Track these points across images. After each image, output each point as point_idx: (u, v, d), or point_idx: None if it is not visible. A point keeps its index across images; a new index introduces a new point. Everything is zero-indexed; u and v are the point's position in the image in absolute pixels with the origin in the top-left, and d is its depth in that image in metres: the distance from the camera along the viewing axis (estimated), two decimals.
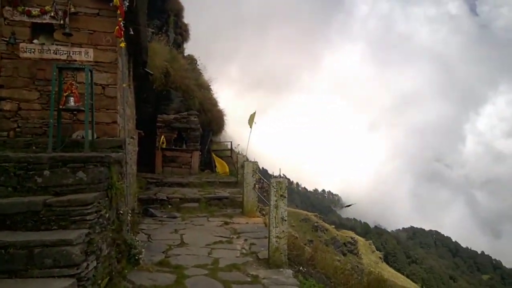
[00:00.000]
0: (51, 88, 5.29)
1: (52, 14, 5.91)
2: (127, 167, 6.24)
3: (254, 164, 9.47)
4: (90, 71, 5.47)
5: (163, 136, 14.26)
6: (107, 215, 4.53)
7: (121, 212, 5.29)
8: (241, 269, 5.51)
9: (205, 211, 9.33)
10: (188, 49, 22.57)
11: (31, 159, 4.31)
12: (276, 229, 5.76)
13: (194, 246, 6.54)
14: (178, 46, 20.56)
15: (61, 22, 5.91)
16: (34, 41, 5.96)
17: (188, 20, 22.36)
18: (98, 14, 6.18)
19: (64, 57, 5.97)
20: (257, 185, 9.27)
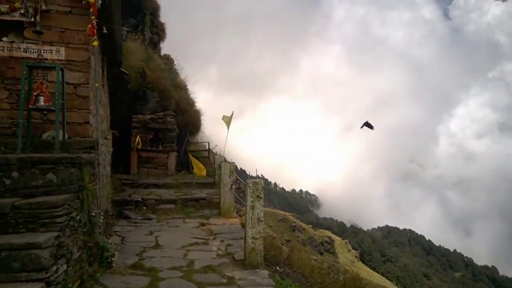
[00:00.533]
0: (21, 87, 5.14)
1: (22, 11, 5.73)
2: (100, 168, 6.13)
3: (231, 165, 9.45)
4: (61, 70, 5.35)
5: (138, 137, 14.06)
6: (78, 217, 4.43)
7: (93, 214, 5.19)
8: (217, 270, 5.49)
9: (181, 212, 9.24)
10: (164, 48, 22.36)
11: None
12: (252, 230, 5.76)
13: (169, 248, 6.47)
14: (155, 45, 20.32)
15: (32, 19, 5.75)
16: (3, 39, 5.79)
17: (165, 19, 22.15)
18: (70, 12, 6.05)
19: (34, 55, 5.83)
20: (234, 186, 9.25)
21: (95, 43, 6.00)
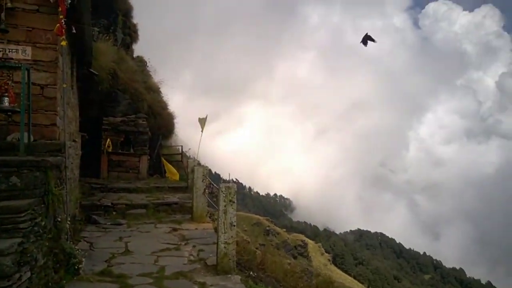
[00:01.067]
0: None
1: None
2: (68, 171, 5.95)
3: (204, 169, 9.37)
4: (27, 70, 5.15)
5: (109, 140, 13.70)
6: (43, 223, 4.26)
7: (59, 219, 5.01)
8: (188, 276, 5.40)
9: (152, 217, 9.07)
10: (137, 50, 21.99)
11: None
12: (225, 235, 5.71)
13: (139, 254, 6.32)
14: (127, 47, 19.94)
15: None
16: None
17: (138, 21, 21.79)
18: (37, 10, 5.87)
19: None
20: (207, 190, 9.16)
21: (64, 43, 5.83)
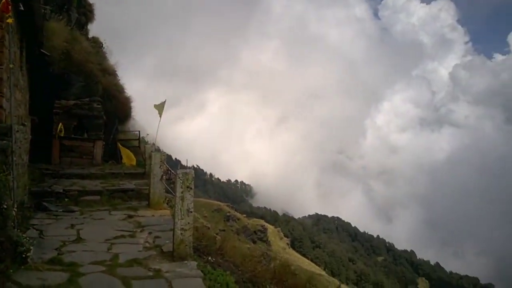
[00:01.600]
0: None
1: None
2: (15, 156, 5.66)
3: (162, 154, 9.20)
4: None
5: (61, 124, 13.09)
6: None
7: (5, 206, 4.77)
8: (143, 263, 5.33)
9: (107, 204, 8.81)
10: (93, 31, 21.07)
11: None
12: (182, 221, 5.67)
13: (92, 241, 6.15)
14: (82, 27, 19.05)
15: None
16: None
17: (96, 1, 20.85)
18: None
19: None
20: (164, 177, 9.02)
21: (10, 20, 5.49)
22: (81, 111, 13.54)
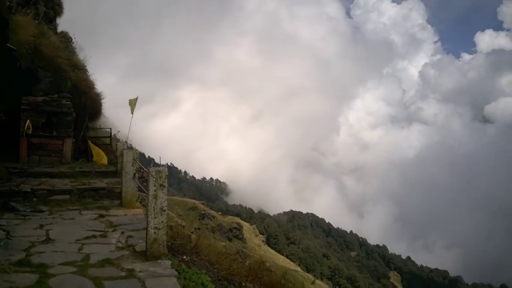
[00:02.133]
0: None
1: None
2: None
3: (135, 152, 9.01)
4: None
5: (28, 121, 12.62)
6: None
7: None
8: (115, 264, 5.20)
9: (77, 203, 8.55)
10: (62, 25, 20.44)
11: None
12: (155, 220, 5.57)
13: (62, 242, 5.94)
14: (50, 21, 18.43)
15: None
16: None
17: None
18: None
19: None
20: (137, 175, 8.84)
21: None
22: (50, 107, 13.09)
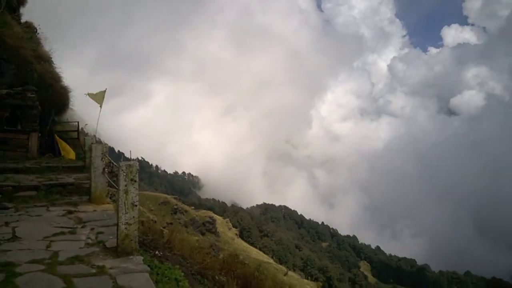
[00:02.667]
0: None
1: None
2: None
3: (104, 146, 8.81)
4: None
5: None
6: None
7: None
8: (85, 260, 5.09)
9: (44, 200, 8.31)
10: (26, 15, 19.57)
11: None
12: (126, 215, 5.48)
13: (29, 239, 5.77)
14: (13, 10, 17.65)
15: None
16: None
17: None
18: None
19: None
20: (106, 170, 8.66)
21: None
22: (14, 100, 12.59)
